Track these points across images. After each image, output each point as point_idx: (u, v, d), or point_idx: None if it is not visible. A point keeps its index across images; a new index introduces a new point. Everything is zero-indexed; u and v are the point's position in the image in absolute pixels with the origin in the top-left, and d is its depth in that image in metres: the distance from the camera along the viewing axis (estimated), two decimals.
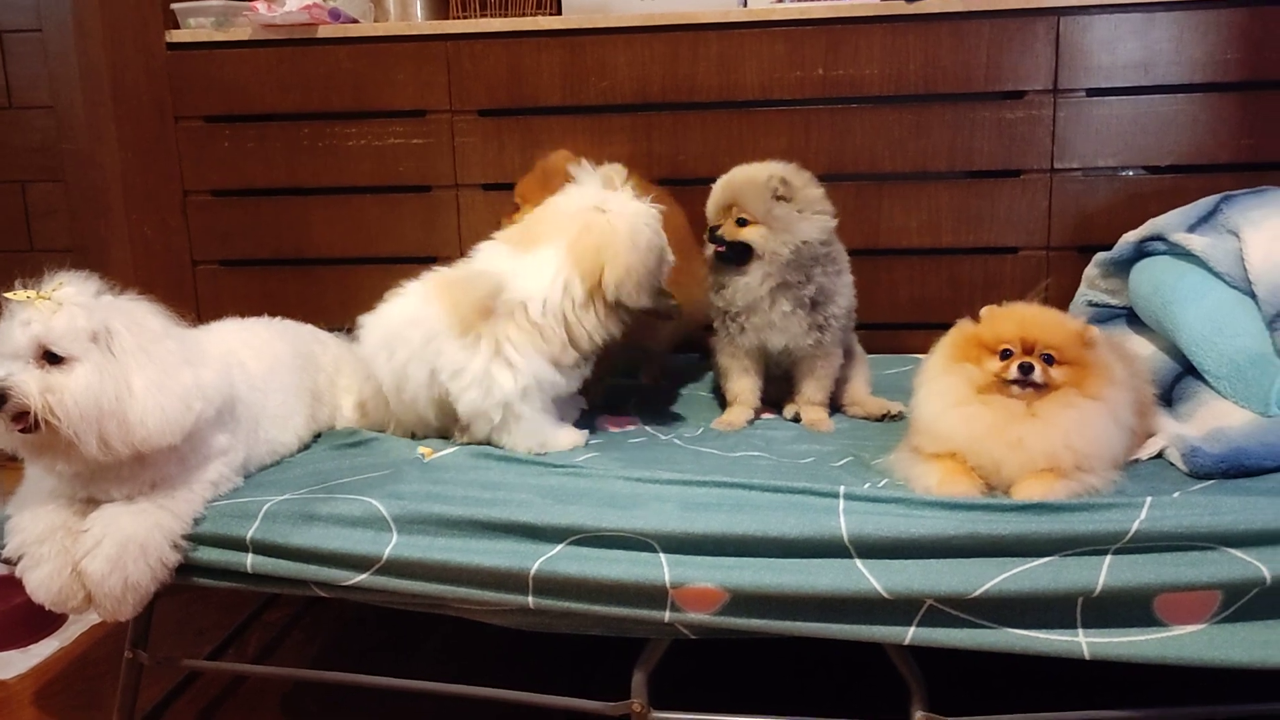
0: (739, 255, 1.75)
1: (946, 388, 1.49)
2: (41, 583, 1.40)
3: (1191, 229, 1.84)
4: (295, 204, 2.35)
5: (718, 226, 1.77)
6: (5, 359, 1.33)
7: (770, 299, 1.75)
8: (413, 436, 1.74)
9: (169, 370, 1.40)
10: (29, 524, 1.42)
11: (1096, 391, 1.43)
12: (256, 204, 2.37)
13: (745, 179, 1.77)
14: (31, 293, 1.37)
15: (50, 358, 1.34)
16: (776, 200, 1.73)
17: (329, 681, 1.71)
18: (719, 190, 1.79)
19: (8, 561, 1.45)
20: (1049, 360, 1.43)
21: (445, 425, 1.72)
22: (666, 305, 1.73)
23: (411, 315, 1.66)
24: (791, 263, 1.73)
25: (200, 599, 2.09)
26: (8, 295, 1.36)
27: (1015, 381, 1.43)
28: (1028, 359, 1.42)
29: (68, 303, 1.36)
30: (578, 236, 1.64)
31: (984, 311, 1.51)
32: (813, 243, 1.73)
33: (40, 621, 1.99)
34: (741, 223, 1.75)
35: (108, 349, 1.37)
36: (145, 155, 2.37)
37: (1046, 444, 1.41)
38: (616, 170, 1.74)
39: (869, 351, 2.03)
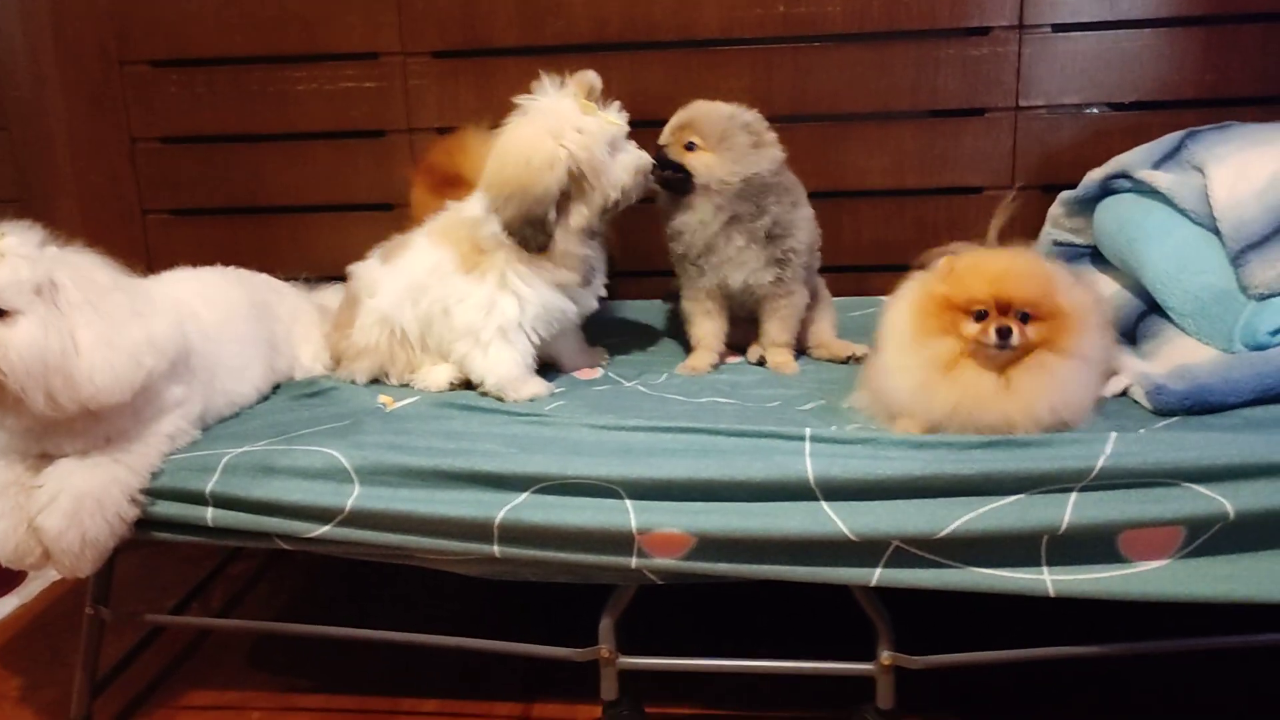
0: (679, 184, 1.73)
1: (921, 363, 1.42)
2: None
3: (1156, 166, 1.83)
4: (247, 151, 2.28)
5: (664, 147, 1.75)
6: None
7: (724, 234, 1.73)
8: None
9: (118, 325, 1.36)
10: None
11: (1073, 346, 1.39)
12: (207, 151, 2.30)
13: (707, 108, 1.75)
14: None
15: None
16: (737, 129, 1.72)
17: (294, 634, 1.70)
18: (677, 115, 1.78)
19: None
20: (1025, 318, 1.38)
21: None
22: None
23: (430, 263, 1.70)
24: (741, 193, 1.71)
25: (163, 554, 2.06)
26: None
27: (993, 345, 1.38)
28: (1005, 321, 1.36)
29: (10, 253, 1.31)
30: (494, 149, 1.66)
31: (946, 264, 1.43)
32: (762, 173, 1.72)
33: None
34: (690, 147, 1.73)
35: (53, 303, 1.33)
36: (90, 102, 2.29)
37: (1031, 415, 1.37)
38: (580, 78, 1.69)
39: (833, 295, 2.02)
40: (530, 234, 1.62)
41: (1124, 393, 1.55)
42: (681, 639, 1.69)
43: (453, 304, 1.66)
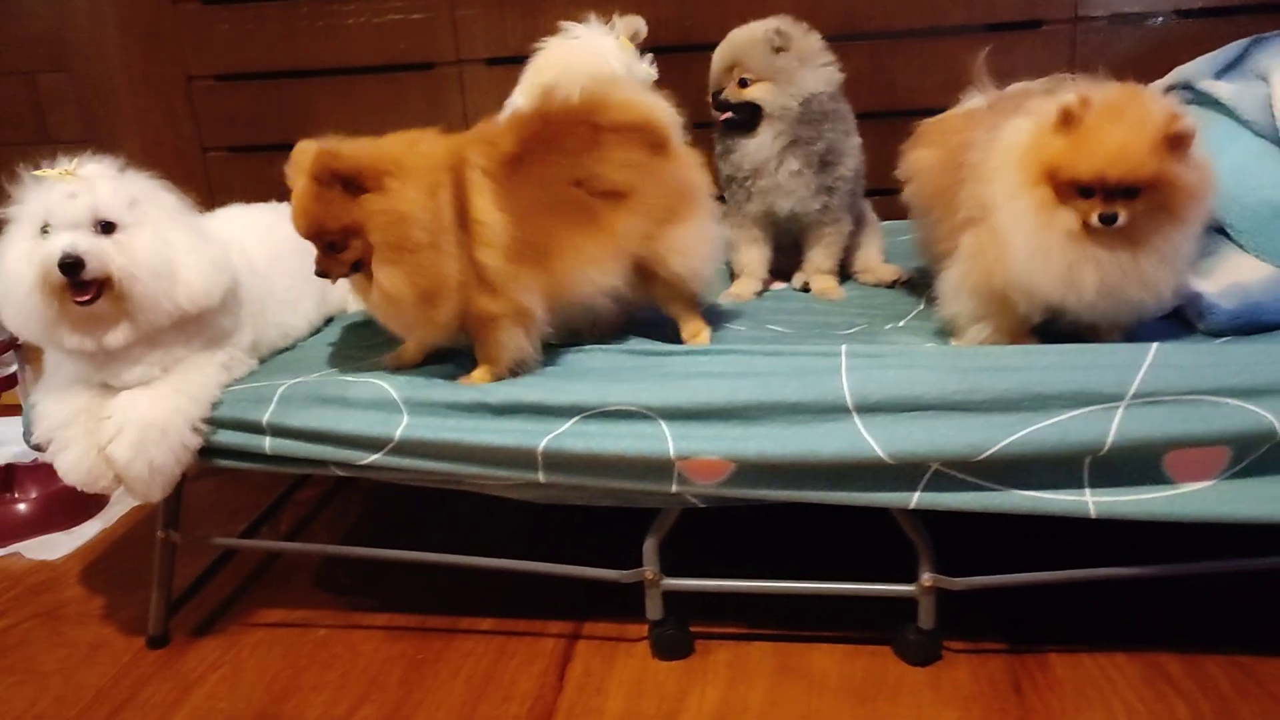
0: (748, 118, 1.73)
1: (1031, 241, 1.32)
2: (71, 465, 1.45)
3: (1219, 75, 1.76)
4: (298, 86, 2.31)
5: (720, 90, 1.74)
6: (64, 231, 1.36)
7: (779, 159, 1.72)
8: None
9: (198, 239, 1.46)
10: (53, 410, 1.47)
11: (1188, 213, 1.32)
12: (260, 88, 2.34)
13: (743, 37, 1.74)
14: (59, 169, 1.39)
15: (104, 227, 1.38)
16: (776, 53, 1.70)
17: (357, 557, 1.77)
18: (719, 54, 1.75)
19: (39, 448, 1.50)
20: (1132, 194, 1.28)
21: None
22: None
23: None
24: (802, 117, 1.70)
25: (234, 481, 2.15)
26: (38, 173, 1.39)
27: (1097, 226, 1.30)
28: (1109, 208, 1.28)
29: (100, 177, 1.40)
30: (525, 76, 1.72)
31: (1071, 107, 1.28)
32: (821, 95, 1.71)
33: (82, 504, 2.07)
34: (744, 83, 1.71)
35: (147, 217, 1.42)
36: (146, 40, 2.34)
37: (1160, 292, 1.34)
38: (628, 21, 1.71)
39: (882, 217, 1.99)
40: None
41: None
42: (725, 560, 1.72)
43: None
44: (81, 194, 1.38)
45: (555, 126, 1.47)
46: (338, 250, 1.38)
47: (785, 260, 1.87)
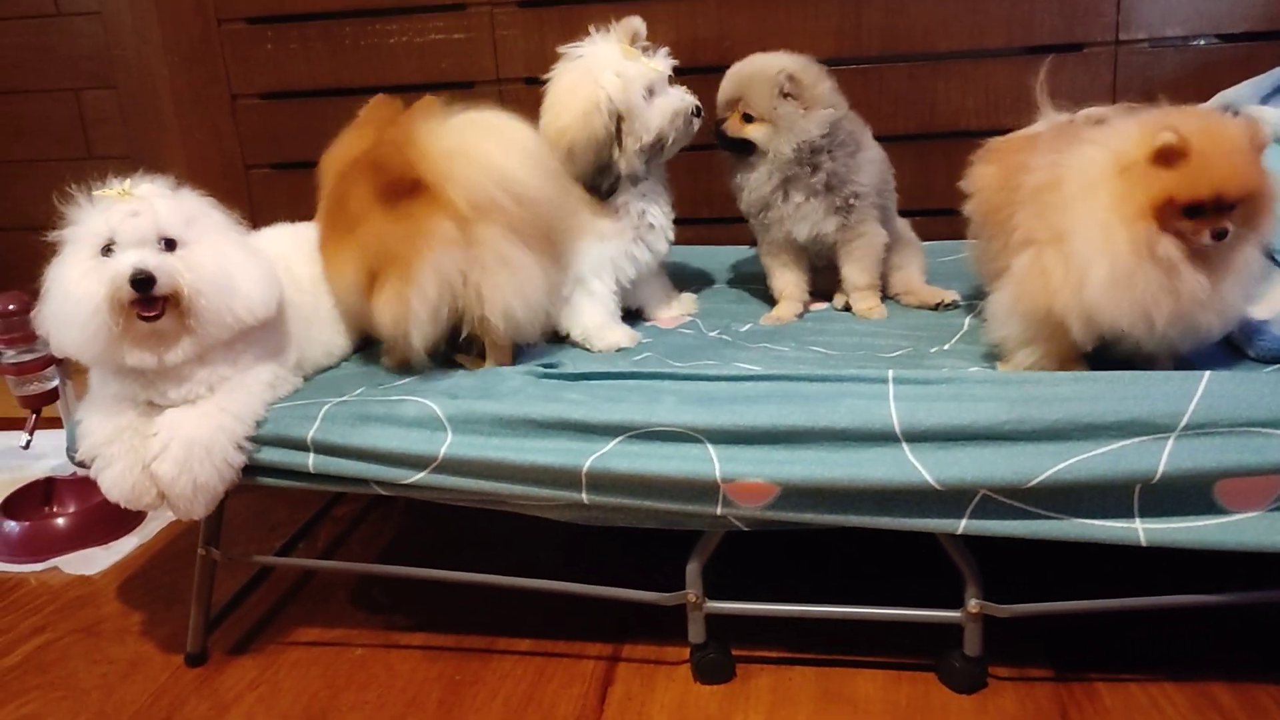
0: (741, 151, 1.74)
1: (1117, 267, 1.27)
2: (115, 481, 1.46)
3: (1264, 100, 1.76)
4: (341, 105, 2.29)
5: (723, 120, 1.75)
6: (130, 249, 1.39)
7: (779, 193, 1.74)
8: None
9: (248, 256, 1.49)
10: (98, 426, 1.48)
11: (1266, 226, 1.30)
12: (303, 106, 2.36)
13: (753, 74, 1.73)
14: (114, 189, 1.42)
15: (168, 244, 1.41)
16: (784, 98, 1.69)
17: (394, 576, 1.77)
18: (727, 83, 1.76)
19: (83, 465, 1.51)
20: (1232, 208, 1.26)
21: None
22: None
23: None
24: (795, 160, 1.71)
25: (272, 496, 2.16)
26: (98, 193, 1.41)
27: (1208, 244, 1.26)
28: (1223, 223, 1.25)
29: (158, 196, 1.43)
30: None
31: (1172, 141, 1.23)
32: (813, 138, 1.70)
33: (120, 519, 2.08)
34: (748, 118, 1.72)
35: (205, 234, 1.45)
36: (191, 59, 2.37)
37: (1227, 320, 1.33)
38: (625, 24, 1.70)
39: (924, 239, 1.98)
40: (600, 180, 1.66)
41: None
42: (768, 583, 1.71)
43: None
44: (144, 212, 1.40)
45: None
46: None
47: (825, 281, 1.87)
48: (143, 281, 1.36)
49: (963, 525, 1.32)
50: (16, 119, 2.68)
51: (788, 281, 1.82)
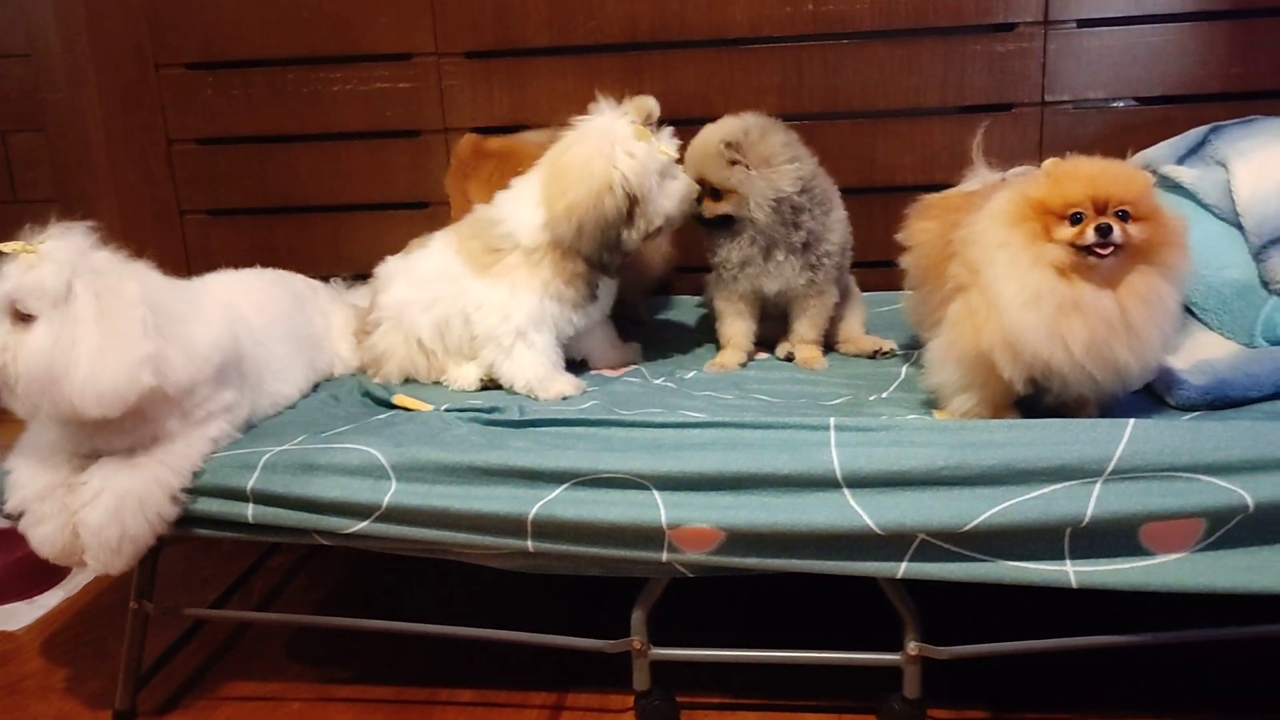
0: (724, 224, 1.76)
1: (1024, 285, 1.34)
2: (45, 539, 1.43)
3: (1180, 161, 1.84)
4: (282, 151, 2.33)
5: (699, 199, 1.76)
6: None
7: (763, 254, 1.76)
8: None
9: (123, 340, 1.36)
10: (29, 480, 1.44)
11: (1175, 260, 1.36)
12: (243, 152, 2.35)
13: (702, 150, 1.75)
14: (19, 245, 1.36)
15: (21, 315, 1.34)
16: (731, 165, 1.71)
17: (332, 627, 1.75)
18: (689, 166, 1.76)
19: (9, 517, 1.47)
20: (1124, 216, 1.32)
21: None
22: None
23: (439, 268, 1.74)
24: (776, 220, 1.73)
25: (204, 548, 2.11)
26: (3, 247, 1.37)
27: (1092, 247, 1.32)
28: (1103, 219, 1.31)
29: (45, 259, 1.34)
30: (550, 159, 1.69)
31: (1045, 168, 1.38)
32: (788, 195, 1.72)
33: (45, 573, 2.02)
34: (716, 195, 1.74)
35: (68, 311, 1.35)
36: (127, 104, 2.35)
37: (1145, 359, 1.37)
38: (640, 104, 1.70)
39: (864, 289, 2.04)
40: (606, 256, 1.67)
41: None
42: (712, 629, 1.72)
43: (471, 310, 1.71)
44: (7, 279, 1.34)
45: None
46: None
47: (770, 330, 1.90)
48: None
49: (903, 569, 1.35)
50: None
51: (737, 330, 1.85)
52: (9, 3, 2.47)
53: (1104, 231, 1.31)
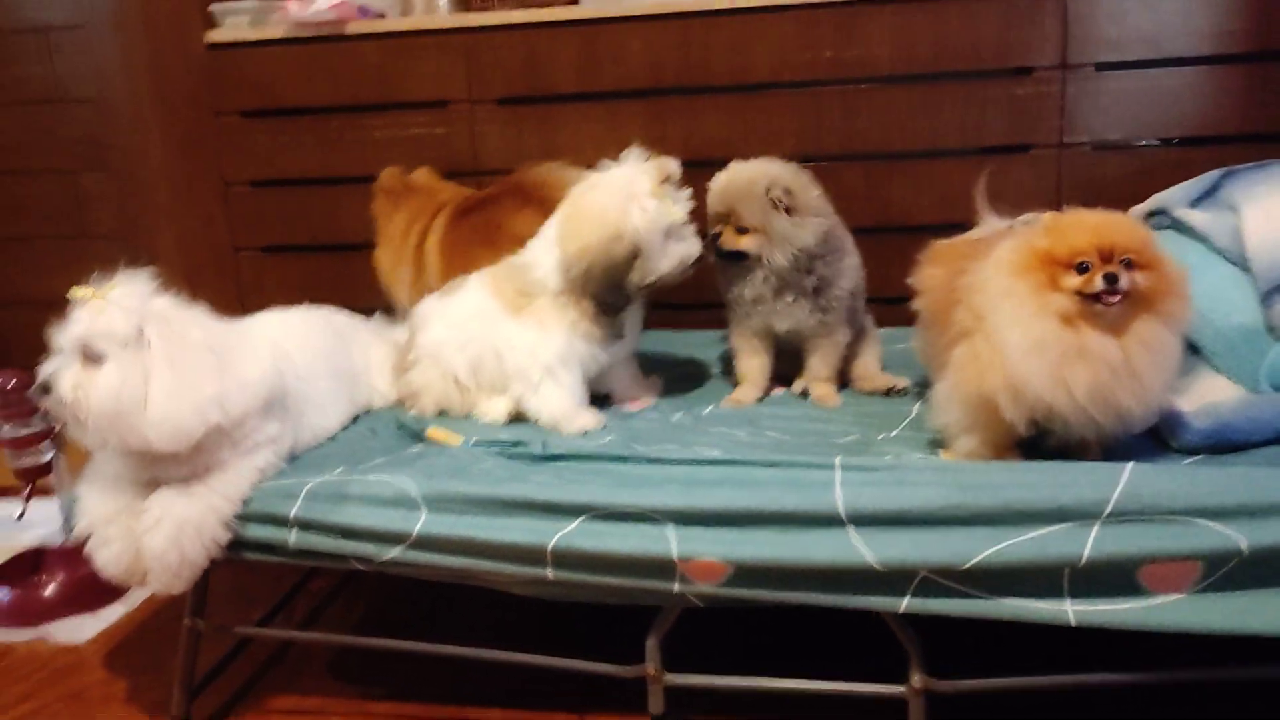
0: (739, 259, 1.83)
1: (1029, 331, 1.39)
2: (110, 560, 1.54)
3: (1194, 204, 1.87)
4: (328, 193, 2.45)
5: (718, 234, 1.82)
6: (60, 354, 1.47)
7: (775, 295, 1.83)
8: None
9: (191, 381, 1.49)
10: (97, 505, 1.56)
11: (1177, 309, 1.41)
12: (292, 193, 2.48)
13: (743, 188, 1.80)
14: (89, 290, 1.49)
15: (91, 355, 1.46)
16: (775, 209, 1.78)
17: (368, 647, 1.84)
18: (717, 197, 1.83)
19: (79, 539, 1.58)
20: (1128, 265, 1.37)
21: None
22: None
23: (475, 309, 1.84)
24: (794, 267, 1.80)
25: (252, 569, 2.18)
26: (72, 293, 1.49)
27: (1099, 295, 1.36)
28: (1110, 268, 1.35)
29: (113, 304, 1.47)
30: (569, 202, 1.78)
31: (1047, 220, 1.43)
32: (810, 247, 1.80)
33: (107, 588, 2.09)
34: (742, 230, 1.81)
35: (138, 354, 1.47)
36: (186, 149, 2.49)
37: (1147, 403, 1.41)
38: (662, 164, 1.76)
39: (882, 325, 2.09)
40: (611, 298, 1.75)
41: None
42: (727, 655, 1.77)
43: (503, 348, 1.80)
44: (79, 323, 1.46)
45: None
46: None
47: (786, 365, 1.97)
48: (41, 390, 1.46)
49: (904, 604, 1.40)
50: (16, 198, 2.77)
51: (753, 366, 1.92)
52: (79, 51, 2.62)
53: (1112, 280, 1.36)
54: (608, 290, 1.74)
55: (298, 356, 1.75)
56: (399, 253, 2.20)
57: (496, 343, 1.80)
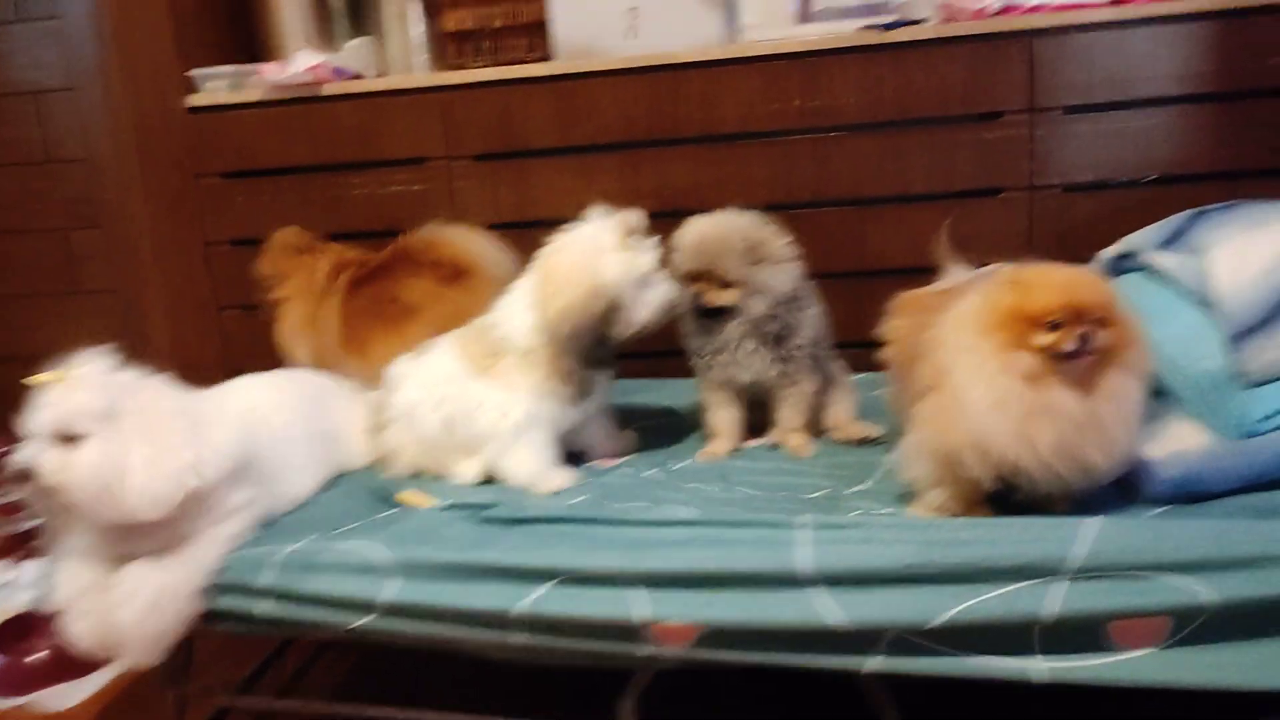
0: (720, 314, 1.84)
1: (1000, 371, 1.40)
2: (83, 634, 1.55)
3: (1163, 247, 1.87)
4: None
5: (700, 293, 1.83)
6: (32, 439, 1.48)
7: (738, 343, 1.84)
8: None
9: (167, 449, 1.51)
10: (70, 579, 1.57)
11: (1137, 359, 1.42)
12: None
13: (720, 243, 1.81)
14: (52, 374, 1.50)
15: (67, 436, 1.48)
16: (755, 264, 1.80)
17: (348, 716, 1.84)
18: (693, 255, 1.83)
19: (58, 609, 1.59)
20: (1095, 322, 1.38)
21: None
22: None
23: (445, 370, 1.84)
24: (767, 314, 1.82)
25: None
26: (32, 381, 1.50)
27: (1070, 354, 1.37)
28: (1083, 328, 1.36)
29: (83, 384, 1.49)
30: (536, 269, 1.78)
31: (1011, 275, 1.43)
32: (785, 292, 1.82)
33: (91, 658, 2.14)
34: (723, 285, 1.82)
35: (114, 428, 1.49)
36: (169, 208, 2.51)
37: (1112, 455, 1.42)
38: (624, 218, 1.77)
39: (857, 371, 2.10)
40: (598, 353, 1.77)
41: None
42: (705, 710, 1.77)
43: (473, 409, 1.80)
44: (51, 405, 1.48)
45: None
46: None
47: (760, 416, 1.97)
48: (19, 475, 1.46)
49: (874, 663, 1.40)
50: (9, 256, 2.80)
51: (724, 419, 1.93)
52: (70, 113, 2.65)
53: (1086, 340, 1.37)
54: (594, 346, 1.75)
55: (272, 421, 1.76)
56: (302, 313, 2.21)
57: (466, 404, 1.81)
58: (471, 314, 1.92)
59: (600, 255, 1.72)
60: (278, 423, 1.78)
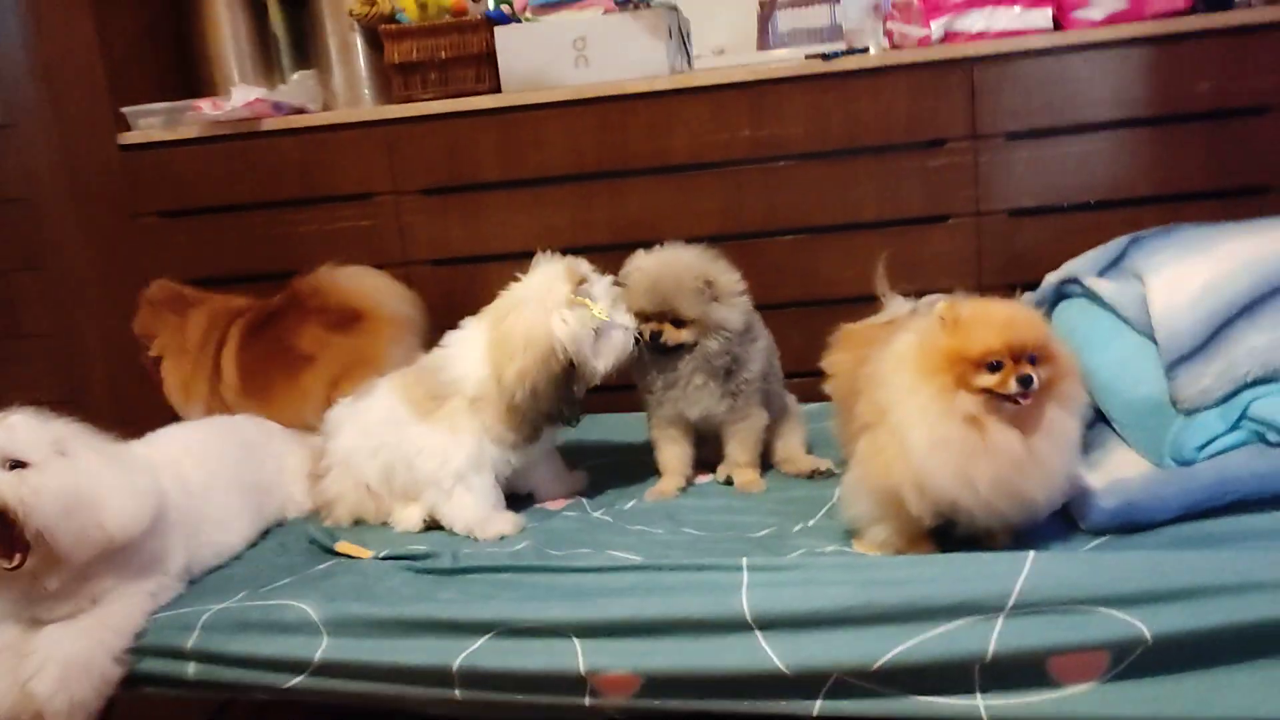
0: (677, 351, 1.82)
1: (942, 414, 1.39)
2: None
3: (1102, 272, 1.87)
4: (252, 292, 2.42)
5: (659, 333, 1.80)
6: None
7: (687, 377, 1.82)
8: None
9: (129, 476, 1.52)
10: None
11: (1073, 391, 1.43)
12: (216, 292, 2.45)
13: (675, 282, 1.79)
14: None
15: (15, 462, 1.43)
16: (711, 302, 1.79)
17: None
18: (649, 295, 1.80)
19: None
20: (1033, 360, 1.37)
21: None
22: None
23: (384, 414, 1.81)
24: (721, 349, 1.80)
25: None
26: None
27: (1010, 396, 1.37)
28: (1024, 369, 1.36)
29: (15, 421, 1.46)
30: (493, 325, 1.75)
31: (948, 314, 1.41)
32: (739, 328, 1.81)
33: None
34: (679, 324, 1.80)
35: (66, 457, 1.47)
36: (107, 249, 2.48)
37: (1051, 489, 1.42)
38: (571, 269, 1.76)
39: (808, 401, 2.08)
40: (564, 410, 1.74)
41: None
42: None
43: (412, 455, 1.77)
44: None
45: None
46: None
47: (711, 452, 1.95)
48: None
49: (817, 707, 1.38)
50: None
51: (673, 455, 1.91)
52: (11, 151, 2.61)
53: (1026, 382, 1.36)
54: (558, 403, 1.73)
55: (192, 472, 1.72)
56: (195, 365, 2.20)
57: (406, 449, 1.78)
58: (370, 359, 1.91)
59: (552, 313, 1.70)
60: (196, 475, 1.73)
